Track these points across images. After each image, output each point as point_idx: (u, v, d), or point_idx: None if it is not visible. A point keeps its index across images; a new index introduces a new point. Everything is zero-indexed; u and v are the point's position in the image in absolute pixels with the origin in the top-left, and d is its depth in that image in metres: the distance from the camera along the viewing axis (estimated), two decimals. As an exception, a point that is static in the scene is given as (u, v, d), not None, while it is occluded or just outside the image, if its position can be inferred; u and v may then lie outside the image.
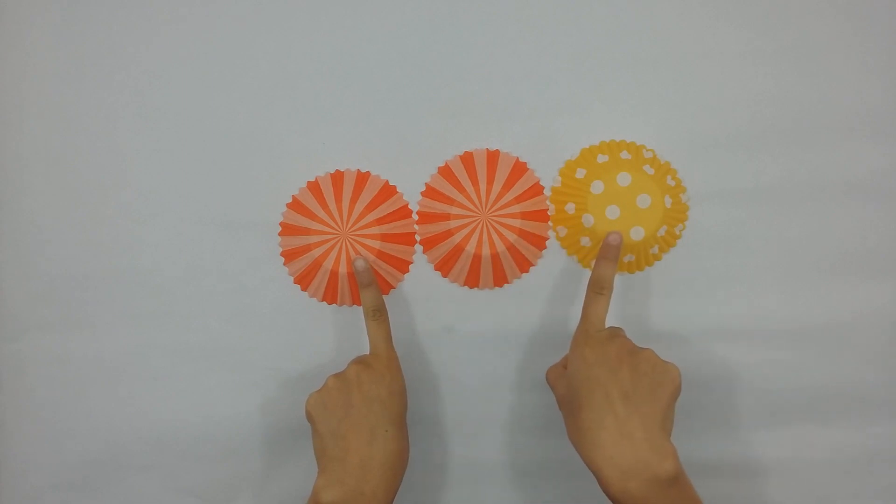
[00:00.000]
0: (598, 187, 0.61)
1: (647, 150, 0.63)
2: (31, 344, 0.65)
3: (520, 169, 0.64)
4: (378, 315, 0.59)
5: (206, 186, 0.64)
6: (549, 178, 0.64)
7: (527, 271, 0.65)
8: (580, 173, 0.62)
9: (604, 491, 0.50)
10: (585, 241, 0.63)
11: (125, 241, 0.65)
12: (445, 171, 0.64)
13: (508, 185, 0.63)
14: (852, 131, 0.62)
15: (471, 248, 0.64)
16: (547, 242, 0.65)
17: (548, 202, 0.64)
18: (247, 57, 0.64)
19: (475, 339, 0.65)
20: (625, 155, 0.62)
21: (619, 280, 0.64)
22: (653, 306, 0.64)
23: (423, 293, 0.65)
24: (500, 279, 0.65)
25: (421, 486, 0.66)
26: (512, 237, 0.64)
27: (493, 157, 0.64)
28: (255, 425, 0.65)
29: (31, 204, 0.65)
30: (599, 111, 0.63)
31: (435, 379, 0.66)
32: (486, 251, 0.64)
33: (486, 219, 0.64)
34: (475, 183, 0.64)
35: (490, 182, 0.63)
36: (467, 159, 0.64)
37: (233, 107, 0.64)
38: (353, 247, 0.64)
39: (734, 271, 0.64)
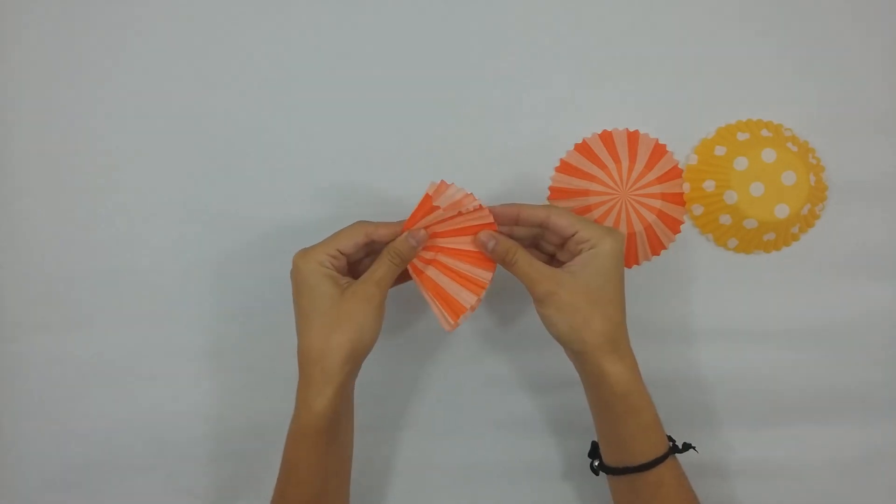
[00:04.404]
0: (741, 163, 0.61)
1: (786, 129, 0.63)
2: (29, 344, 0.64)
3: (659, 151, 0.63)
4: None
5: (206, 186, 0.64)
6: (679, 157, 0.64)
7: (658, 254, 0.64)
8: (720, 151, 0.62)
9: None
10: (725, 218, 0.62)
11: (124, 241, 0.64)
12: (583, 149, 0.63)
13: (650, 165, 0.63)
14: (856, 132, 0.64)
15: (608, 225, 0.62)
16: (682, 227, 0.64)
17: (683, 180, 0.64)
18: (245, 56, 0.64)
19: (477, 338, 0.65)
20: (765, 133, 0.62)
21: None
22: (650, 305, 0.64)
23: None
24: (631, 260, 0.64)
25: (420, 487, 0.65)
26: (651, 217, 0.63)
27: (633, 137, 0.63)
28: (255, 425, 0.64)
29: (29, 204, 0.64)
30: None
31: (435, 379, 0.65)
32: (622, 230, 0.63)
33: (627, 197, 0.63)
34: (616, 161, 0.63)
35: (632, 161, 0.63)
36: (606, 138, 0.63)
37: (232, 106, 0.64)
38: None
39: (732, 272, 0.64)
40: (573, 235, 0.54)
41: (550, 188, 0.64)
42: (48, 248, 0.64)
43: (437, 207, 0.54)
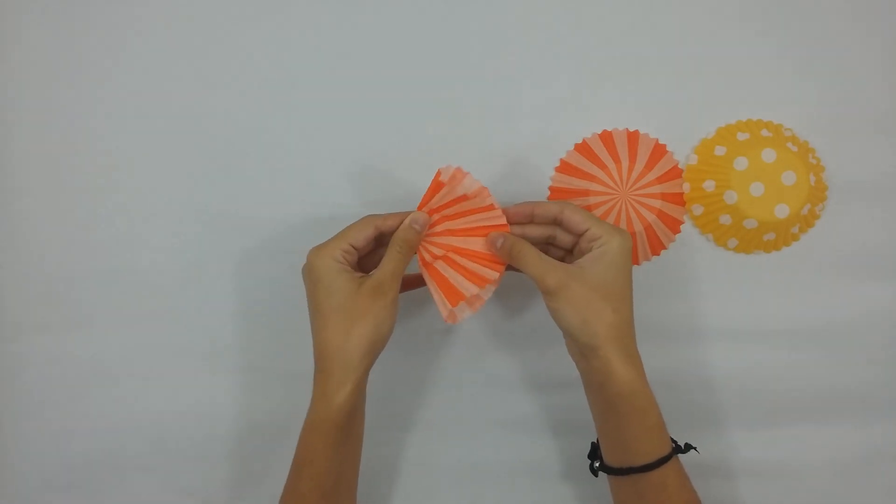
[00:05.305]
0: (741, 163, 0.61)
1: (786, 129, 0.63)
2: (29, 344, 0.64)
3: (659, 151, 0.63)
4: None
5: (205, 185, 0.65)
6: (679, 157, 0.65)
7: (658, 254, 0.64)
8: (719, 151, 0.62)
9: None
10: (725, 218, 0.62)
11: (124, 241, 0.64)
12: (583, 148, 0.63)
13: (650, 165, 0.63)
14: (856, 132, 0.64)
15: None
16: (682, 227, 0.64)
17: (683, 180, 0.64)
18: (245, 56, 0.64)
19: (476, 338, 0.65)
20: (765, 133, 0.62)
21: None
22: (650, 305, 0.62)
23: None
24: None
25: (420, 486, 0.65)
26: (651, 217, 0.63)
27: (633, 137, 0.63)
28: (255, 425, 0.64)
29: (29, 204, 0.64)
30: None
31: (435, 379, 0.65)
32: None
33: (627, 197, 0.63)
34: (616, 161, 0.63)
35: (632, 161, 0.63)
36: (606, 138, 0.63)
37: (232, 106, 0.64)
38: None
39: (732, 272, 0.64)
40: (585, 232, 0.54)
41: (550, 188, 0.64)
42: (48, 248, 0.64)
43: (443, 184, 0.55)
